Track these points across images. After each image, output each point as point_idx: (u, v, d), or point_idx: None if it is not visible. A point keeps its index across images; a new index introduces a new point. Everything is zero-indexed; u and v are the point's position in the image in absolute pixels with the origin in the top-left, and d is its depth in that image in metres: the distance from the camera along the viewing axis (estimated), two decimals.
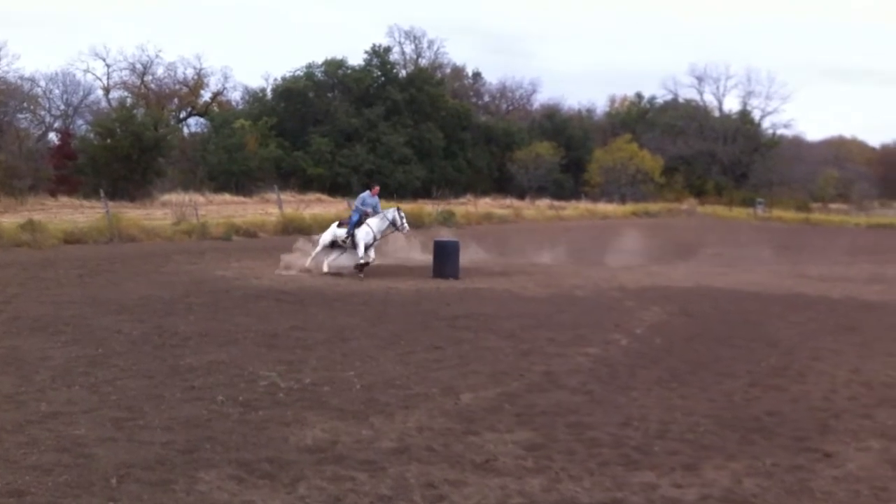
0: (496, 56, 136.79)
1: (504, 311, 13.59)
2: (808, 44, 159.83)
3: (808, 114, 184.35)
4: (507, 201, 53.30)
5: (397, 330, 11.54)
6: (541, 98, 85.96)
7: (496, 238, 29.46)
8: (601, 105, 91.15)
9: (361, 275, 17.83)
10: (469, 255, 20.69)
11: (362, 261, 18.08)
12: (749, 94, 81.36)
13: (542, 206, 51.22)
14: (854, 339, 11.99)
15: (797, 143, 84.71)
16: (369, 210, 18.60)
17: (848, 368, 9.84)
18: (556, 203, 53.89)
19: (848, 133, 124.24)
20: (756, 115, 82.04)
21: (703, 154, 76.12)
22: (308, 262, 18.52)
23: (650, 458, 6.46)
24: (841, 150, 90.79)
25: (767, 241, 31.43)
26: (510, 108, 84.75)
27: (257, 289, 15.33)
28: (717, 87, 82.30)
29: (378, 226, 18.45)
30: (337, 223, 19.17)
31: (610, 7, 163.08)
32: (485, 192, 60.28)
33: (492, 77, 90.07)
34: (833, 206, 70.18)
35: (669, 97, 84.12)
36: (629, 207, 53.82)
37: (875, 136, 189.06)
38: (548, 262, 22.55)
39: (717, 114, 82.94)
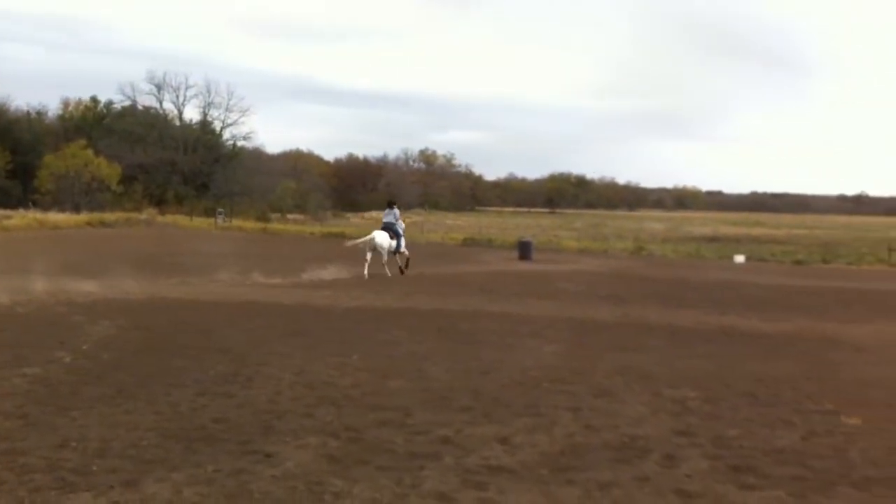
0: None
1: None
2: (270, 61, 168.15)
3: (268, 127, 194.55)
4: None
5: None
6: None
7: None
8: (53, 108, 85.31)
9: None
10: None
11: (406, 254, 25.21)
12: (209, 105, 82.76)
13: None
14: (301, 342, 12.60)
15: (258, 156, 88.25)
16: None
17: (293, 371, 10.29)
18: None
19: (305, 147, 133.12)
20: (217, 126, 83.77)
21: (164, 163, 75.59)
22: (387, 269, 23.92)
23: (88, 478, 6.10)
24: (299, 163, 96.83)
25: (227, 251, 32.11)
26: None
27: None
28: (178, 97, 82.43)
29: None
30: (388, 235, 24.26)
31: (69, 6, 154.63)
32: None
33: None
34: (291, 216, 73.98)
35: (128, 103, 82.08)
36: (84, 217, 51.17)
37: (330, 151, 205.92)
38: None
39: (177, 123, 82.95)
